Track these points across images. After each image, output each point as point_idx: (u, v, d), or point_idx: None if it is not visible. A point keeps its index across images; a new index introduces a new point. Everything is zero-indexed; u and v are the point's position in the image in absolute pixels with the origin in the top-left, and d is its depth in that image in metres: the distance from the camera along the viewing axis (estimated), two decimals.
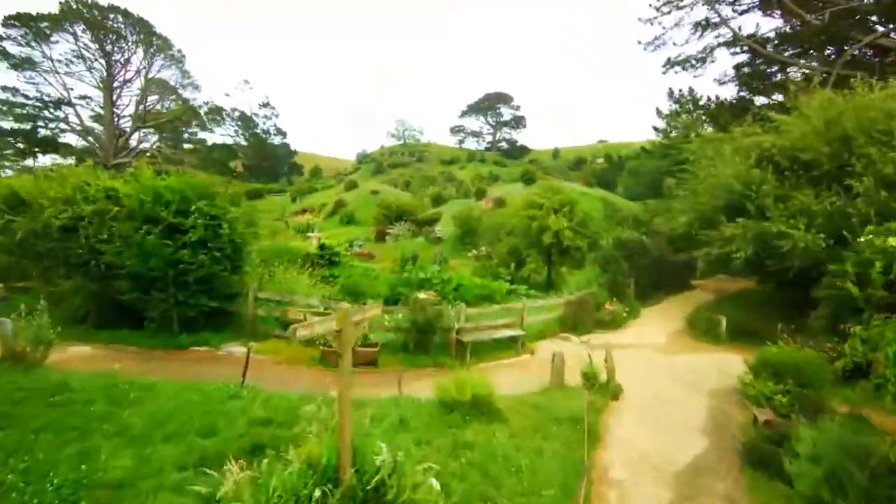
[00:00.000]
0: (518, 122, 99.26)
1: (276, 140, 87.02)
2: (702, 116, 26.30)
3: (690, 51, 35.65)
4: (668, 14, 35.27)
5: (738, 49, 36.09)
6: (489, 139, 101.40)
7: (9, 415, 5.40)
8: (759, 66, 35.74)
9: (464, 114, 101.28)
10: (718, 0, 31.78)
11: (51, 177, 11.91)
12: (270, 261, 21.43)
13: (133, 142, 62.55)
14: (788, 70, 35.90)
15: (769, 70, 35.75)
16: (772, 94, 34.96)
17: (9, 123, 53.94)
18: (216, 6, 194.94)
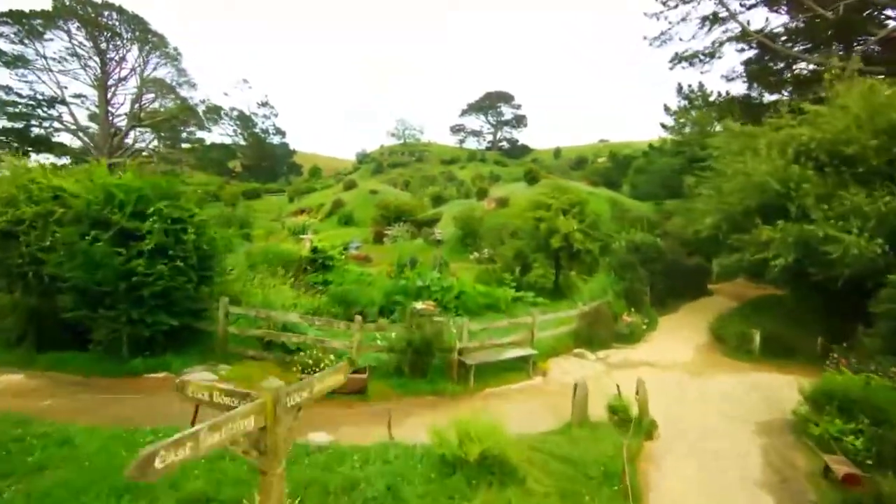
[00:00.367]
0: (519, 122, 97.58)
1: (276, 140, 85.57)
2: (712, 112, 24.71)
3: (697, 46, 34.13)
4: (675, 8, 33.80)
5: (746, 45, 34.74)
6: (490, 138, 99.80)
7: None
8: (769, 62, 34.36)
9: (464, 113, 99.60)
10: None
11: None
12: (259, 265, 20.01)
13: (130, 141, 61.01)
14: (794, 67, 34.50)
15: (777, 66, 34.36)
16: (781, 90, 33.56)
17: (1, 122, 52.34)
18: (216, 6, 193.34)
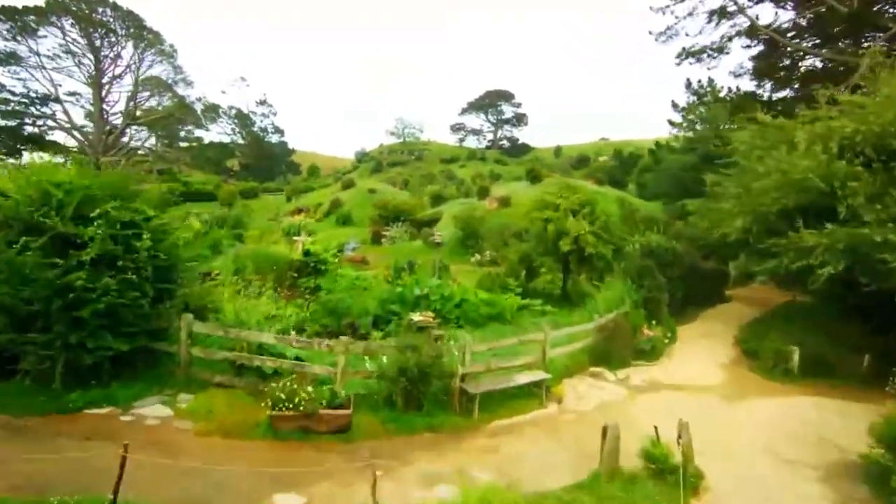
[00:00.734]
0: (519, 120, 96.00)
1: (274, 138, 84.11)
2: (726, 107, 23.30)
3: (704, 42, 32.85)
4: (682, 2, 32.53)
5: (753, 41, 33.56)
6: (490, 137, 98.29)
7: None
8: (779, 58, 33.19)
9: (464, 111, 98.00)
10: None
11: None
12: (247, 269, 18.63)
13: (125, 139, 59.49)
14: (802, 63, 33.24)
15: (785, 62, 33.15)
16: (790, 86, 32.28)
17: None
18: (216, 6, 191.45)
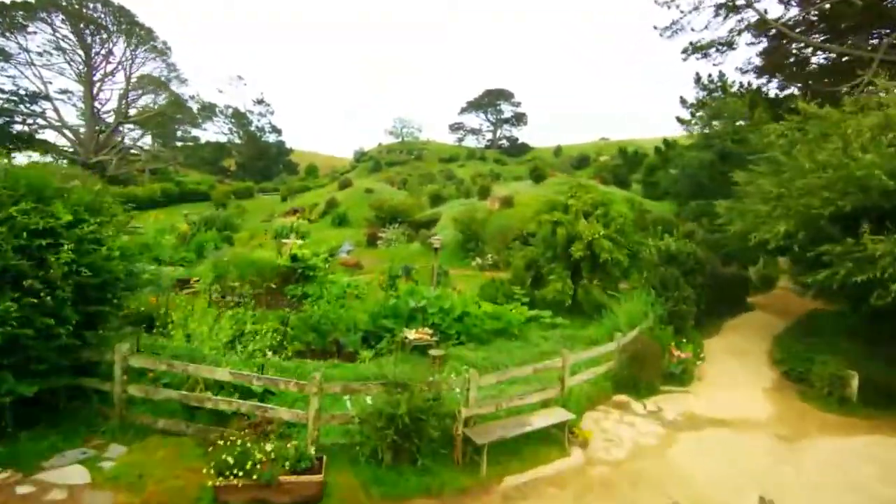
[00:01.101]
0: (519, 119, 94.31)
1: (272, 138, 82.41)
2: (744, 102, 21.75)
3: (710, 36, 31.47)
4: None
5: (762, 36, 32.31)
6: (489, 137, 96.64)
7: None
8: (787, 54, 31.92)
9: (463, 111, 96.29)
10: None
11: None
12: (227, 276, 17.00)
13: (118, 138, 57.66)
14: (813, 58, 31.98)
15: (797, 57, 31.87)
16: (800, 81, 30.97)
17: None
18: (216, 5, 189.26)
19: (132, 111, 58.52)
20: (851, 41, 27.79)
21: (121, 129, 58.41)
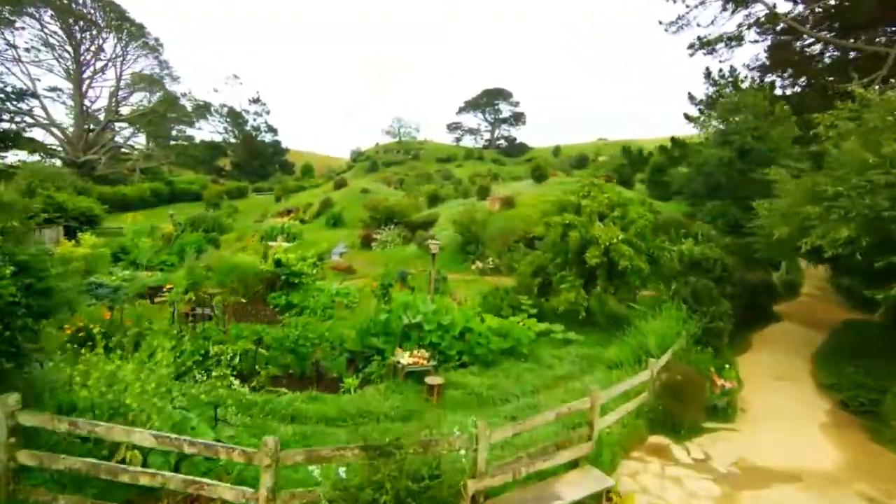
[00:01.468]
0: (517, 119, 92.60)
1: (268, 137, 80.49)
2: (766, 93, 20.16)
3: (717, 31, 30.07)
4: None
5: (765, 35, 31.04)
6: (487, 136, 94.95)
7: None
8: (794, 50, 30.57)
9: (461, 110, 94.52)
10: None
11: None
12: (205, 284, 15.34)
13: (108, 136, 55.73)
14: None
15: (799, 55, 30.53)
16: (817, 77, 29.56)
17: None
18: (217, 5, 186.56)
19: (124, 109, 56.73)
20: (864, 37, 26.41)
21: (111, 128, 56.53)
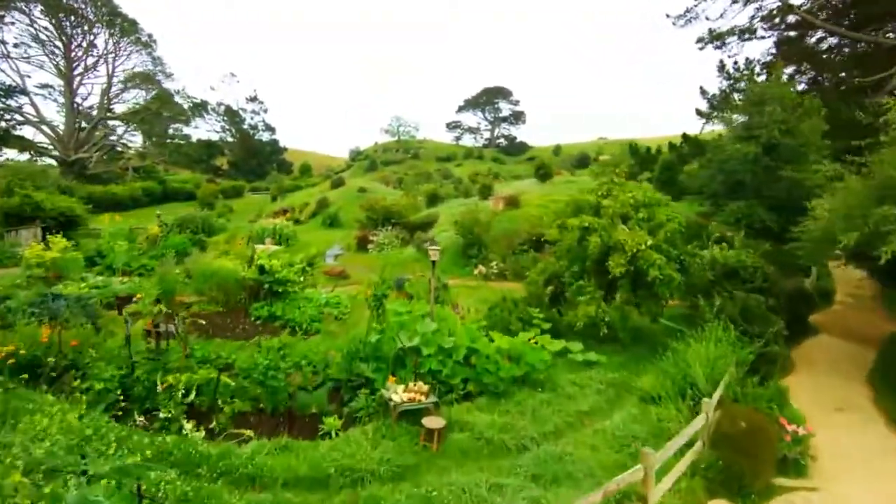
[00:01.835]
0: (517, 118, 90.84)
1: (265, 136, 78.76)
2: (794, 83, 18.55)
3: (726, 25, 28.61)
4: None
5: (770, 28, 29.73)
6: (487, 135, 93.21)
7: None
8: (807, 45, 29.16)
9: (461, 109, 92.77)
10: None
11: None
12: (181, 292, 13.67)
13: (100, 134, 53.90)
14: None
15: (810, 50, 29.12)
16: (836, 72, 28.09)
17: None
18: (217, 5, 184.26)
19: (117, 107, 54.99)
20: (875, 31, 25.08)
21: (104, 125, 54.72)
